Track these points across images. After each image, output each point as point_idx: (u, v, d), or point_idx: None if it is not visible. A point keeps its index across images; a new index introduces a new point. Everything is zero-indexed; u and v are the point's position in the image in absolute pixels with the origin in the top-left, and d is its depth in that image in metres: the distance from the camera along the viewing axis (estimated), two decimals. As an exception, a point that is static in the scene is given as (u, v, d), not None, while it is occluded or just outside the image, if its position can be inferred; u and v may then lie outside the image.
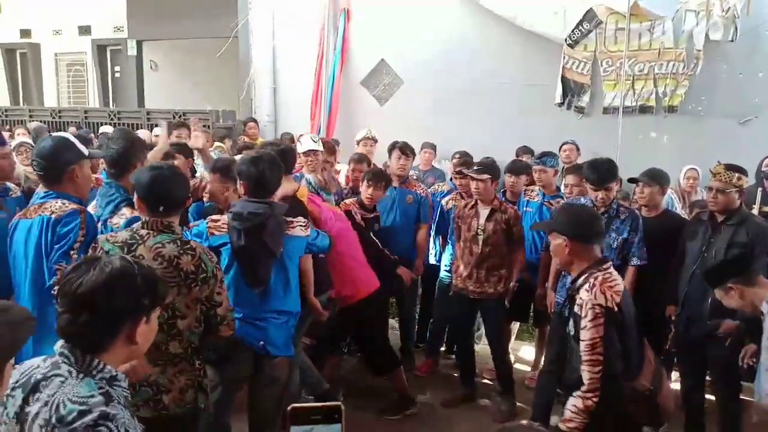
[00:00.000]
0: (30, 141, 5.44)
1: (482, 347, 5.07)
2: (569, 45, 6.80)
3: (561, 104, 7.01)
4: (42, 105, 12.01)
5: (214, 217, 3.12)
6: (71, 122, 9.26)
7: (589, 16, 6.71)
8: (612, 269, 2.73)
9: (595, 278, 2.63)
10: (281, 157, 3.37)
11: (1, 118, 9.92)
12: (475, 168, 4.33)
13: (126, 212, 2.92)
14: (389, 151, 5.10)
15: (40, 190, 2.83)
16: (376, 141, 5.96)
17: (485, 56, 7.10)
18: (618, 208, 3.99)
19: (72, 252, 2.51)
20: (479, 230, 4.24)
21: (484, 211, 4.27)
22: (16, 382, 1.53)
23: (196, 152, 4.29)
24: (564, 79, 6.94)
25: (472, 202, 4.35)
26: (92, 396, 1.44)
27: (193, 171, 4.60)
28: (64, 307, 1.51)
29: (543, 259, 4.40)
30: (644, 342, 2.84)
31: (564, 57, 6.89)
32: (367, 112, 7.70)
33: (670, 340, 4.13)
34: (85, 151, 2.77)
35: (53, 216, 2.57)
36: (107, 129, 7.89)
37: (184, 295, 2.41)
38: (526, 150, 6.65)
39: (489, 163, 4.38)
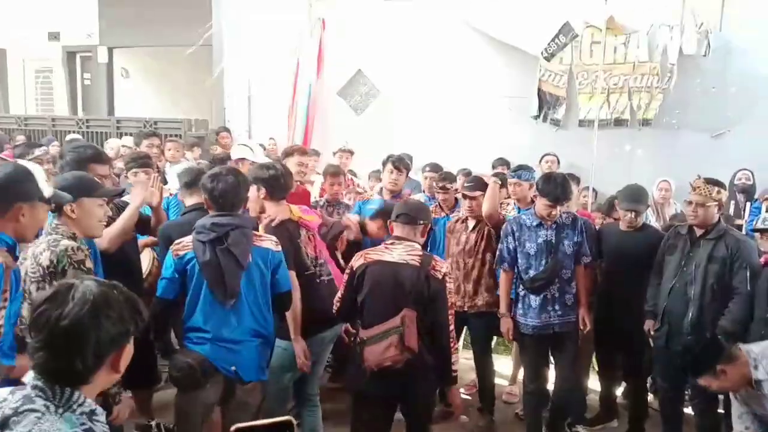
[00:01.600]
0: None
1: (462, 362, 4.99)
2: (545, 58, 6.78)
3: (537, 116, 7.02)
4: (8, 112, 11.69)
5: (177, 240, 3.04)
6: (38, 131, 9.02)
7: (566, 29, 6.71)
8: None
9: None
10: (270, 181, 3.33)
11: (-35, 124, 9.62)
12: (467, 185, 4.29)
13: None
14: (383, 164, 5.03)
15: None
16: (352, 153, 5.89)
17: (462, 68, 7.07)
18: (563, 214, 4.01)
19: None
20: (466, 245, 4.24)
21: (471, 224, 4.28)
22: None
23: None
24: (540, 92, 6.97)
25: (464, 217, 4.33)
26: None
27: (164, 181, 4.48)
28: (42, 343, 1.36)
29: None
30: None
31: (540, 70, 6.91)
32: (343, 122, 7.61)
33: (648, 354, 4.11)
34: (43, 191, 2.31)
35: None
36: (75, 137, 7.69)
37: None
38: (502, 162, 6.64)
39: (479, 179, 4.33)
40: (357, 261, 3.13)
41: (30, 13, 11.96)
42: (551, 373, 4.23)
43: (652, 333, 3.89)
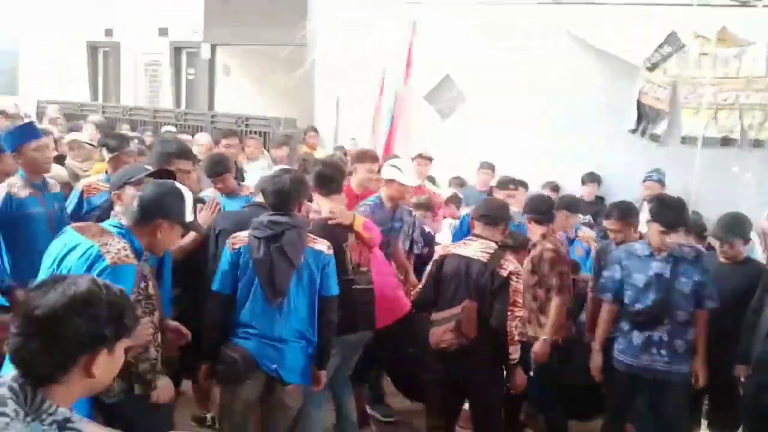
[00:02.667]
0: (84, 138, 5.49)
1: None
2: (648, 68, 6.38)
3: (635, 131, 6.57)
4: (119, 103, 12.43)
5: (234, 234, 3.07)
6: (141, 121, 9.49)
7: (672, 39, 6.28)
8: None
9: None
10: (320, 178, 3.45)
11: (77, 112, 10.28)
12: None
13: None
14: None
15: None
16: (431, 160, 5.76)
17: (556, 76, 6.74)
18: (684, 247, 3.54)
19: None
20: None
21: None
22: None
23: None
24: (639, 105, 6.52)
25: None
26: None
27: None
28: (18, 329, 1.35)
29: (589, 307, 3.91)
30: None
31: (641, 81, 6.47)
32: (427, 128, 7.50)
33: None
34: (186, 216, 2.51)
35: (107, 258, 2.27)
36: (169, 129, 8.01)
37: None
38: (593, 177, 6.29)
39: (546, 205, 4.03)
40: (439, 252, 3.56)
41: (143, 9, 12.66)
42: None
43: (742, 379, 3.48)
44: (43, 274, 2.38)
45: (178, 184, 2.61)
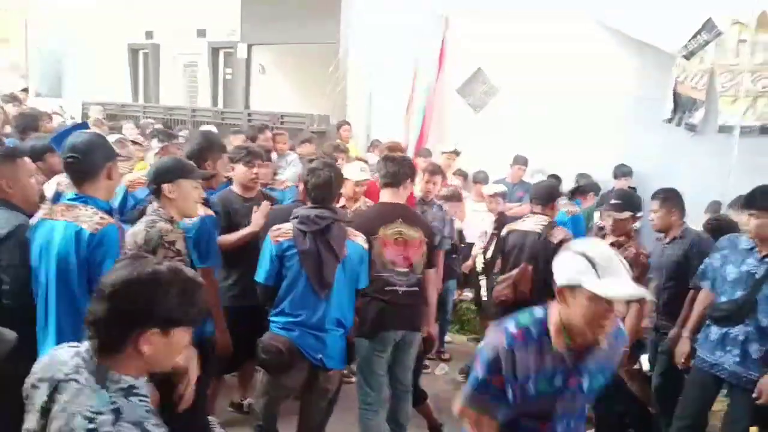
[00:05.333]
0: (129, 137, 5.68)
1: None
2: (684, 57, 6.26)
3: (670, 120, 6.47)
4: (158, 102, 12.76)
5: (275, 226, 3.14)
6: (179, 120, 9.74)
7: (709, 26, 6.14)
8: None
9: None
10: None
11: (119, 113, 10.60)
12: (614, 202, 3.89)
13: None
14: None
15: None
16: (458, 154, 5.81)
17: (588, 66, 6.67)
18: None
19: None
20: None
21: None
22: (42, 375, 1.55)
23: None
24: (675, 94, 6.41)
25: (602, 234, 4.05)
26: (101, 413, 1.44)
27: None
28: (95, 294, 1.52)
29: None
30: None
31: (677, 70, 6.36)
32: (458, 120, 7.52)
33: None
34: (118, 150, 2.71)
35: (86, 228, 2.37)
36: (210, 128, 8.20)
37: None
38: (624, 170, 6.23)
39: (630, 197, 4.01)
40: (505, 230, 4.27)
41: (182, 11, 12.96)
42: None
43: None
44: (35, 266, 2.48)
45: (90, 132, 2.79)
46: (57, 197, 3.58)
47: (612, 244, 3.70)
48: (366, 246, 3.21)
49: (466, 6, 7.45)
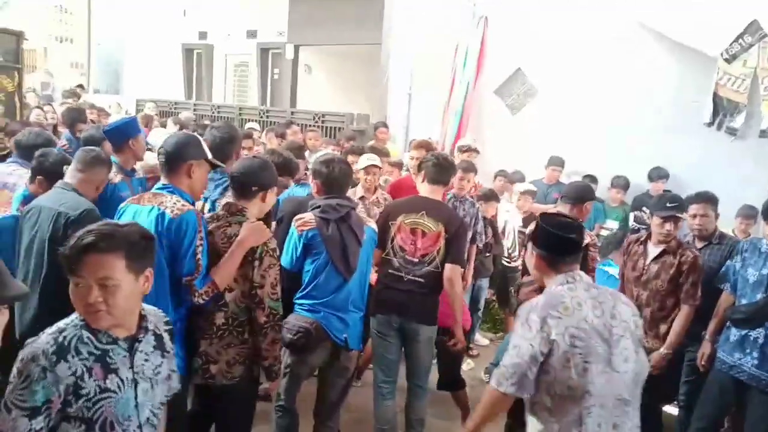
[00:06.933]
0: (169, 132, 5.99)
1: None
2: (726, 60, 6.16)
3: (710, 124, 6.35)
4: (210, 101, 13.20)
5: (297, 216, 3.27)
6: (227, 117, 10.07)
7: (752, 28, 6.03)
8: None
9: None
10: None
11: (171, 110, 11.03)
12: (670, 205, 3.70)
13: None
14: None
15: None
16: (477, 152, 5.86)
17: (628, 68, 6.63)
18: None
19: (198, 257, 2.56)
20: (643, 271, 3.78)
21: (653, 251, 3.77)
22: None
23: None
24: (716, 97, 6.29)
25: (643, 237, 3.89)
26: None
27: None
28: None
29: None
30: None
31: (718, 73, 6.25)
32: (495, 121, 7.55)
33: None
34: (207, 154, 2.81)
35: (169, 213, 2.56)
36: (253, 125, 8.48)
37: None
38: (660, 172, 6.16)
39: (681, 200, 3.87)
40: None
41: (234, 13, 13.39)
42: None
43: None
44: None
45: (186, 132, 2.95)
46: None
47: (665, 252, 3.70)
48: (376, 229, 3.40)
49: (507, 6, 7.49)
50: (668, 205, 3.70)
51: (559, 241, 2.34)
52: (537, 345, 2.17)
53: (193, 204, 2.71)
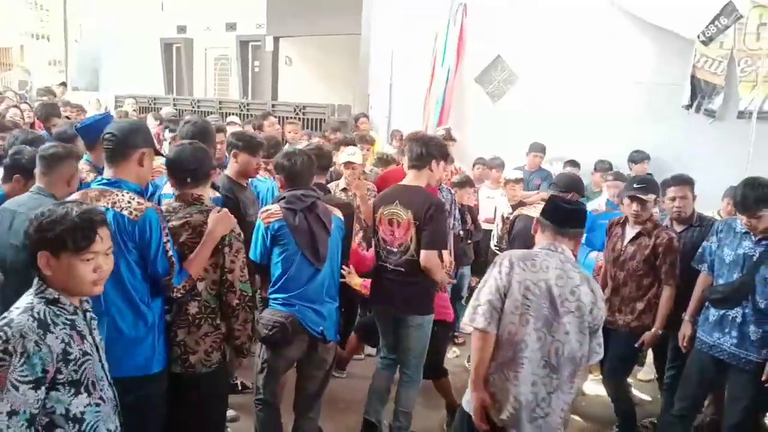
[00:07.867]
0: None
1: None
2: (702, 42, 6.16)
3: (689, 106, 6.40)
4: (191, 95, 13.08)
5: (263, 209, 3.27)
6: (207, 112, 9.98)
7: (728, 10, 6.03)
8: None
9: None
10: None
11: (151, 105, 10.92)
12: (638, 186, 3.78)
13: None
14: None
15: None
16: (454, 140, 5.86)
17: (604, 52, 6.65)
18: None
19: (169, 254, 2.51)
20: (621, 252, 3.84)
21: (631, 232, 3.84)
22: None
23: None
24: (694, 79, 6.33)
25: (623, 219, 3.95)
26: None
27: None
28: None
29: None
30: None
31: (695, 55, 6.28)
32: (477, 108, 7.54)
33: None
34: (156, 144, 2.74)
35: (127, 214, 2.44)
36: (234, 119, 8.41)
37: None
38: (642, 155, 6.18)
39: (653, 181, 3.95)
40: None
41: (212, 6, 13.25)
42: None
43: None
44: None
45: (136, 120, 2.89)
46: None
47: (640, 234, 3.77)
48: (342, 218, 3.41)
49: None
50: (635, 186, 3.80)
51: (563, 212, 2.69)
52: (502, 282, 2.55)
53: (142, 194, 2.61)
